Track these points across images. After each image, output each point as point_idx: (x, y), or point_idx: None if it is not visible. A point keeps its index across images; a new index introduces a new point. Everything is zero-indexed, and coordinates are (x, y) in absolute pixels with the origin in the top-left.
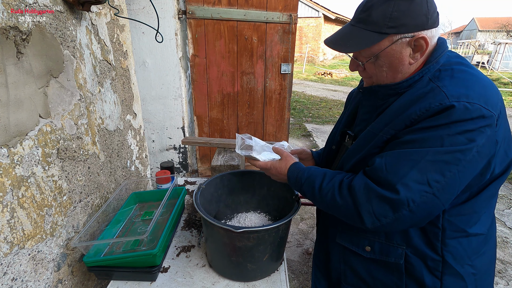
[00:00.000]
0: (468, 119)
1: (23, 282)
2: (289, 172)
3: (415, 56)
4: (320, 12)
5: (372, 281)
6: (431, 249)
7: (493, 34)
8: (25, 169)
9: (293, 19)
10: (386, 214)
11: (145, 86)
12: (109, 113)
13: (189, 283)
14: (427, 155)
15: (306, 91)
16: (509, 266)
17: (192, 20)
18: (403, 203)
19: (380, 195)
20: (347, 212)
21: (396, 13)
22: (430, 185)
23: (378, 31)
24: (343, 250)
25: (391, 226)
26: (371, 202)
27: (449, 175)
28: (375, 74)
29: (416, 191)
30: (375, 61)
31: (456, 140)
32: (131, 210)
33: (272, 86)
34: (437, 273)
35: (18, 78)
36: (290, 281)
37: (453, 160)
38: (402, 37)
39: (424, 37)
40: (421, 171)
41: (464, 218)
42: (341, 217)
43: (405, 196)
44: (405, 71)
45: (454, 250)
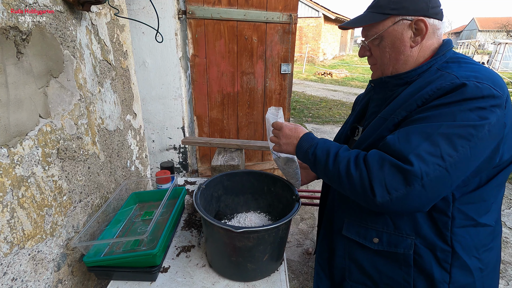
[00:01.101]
0: (479, 97)
1: (23, 282)
2: (304, 135)
3: (416, 39)
4: (320, 12)
5: (378, 276)
6: (441, 238)
7: (493, 34)
8: (25, 169)
9: (293, 19)
10: (398, 186)
11: (145, 86)
12: (109, 113)
13: (189, 283)
14: (440, 128)
15: (306, 91)
16: (509, 266)
17: (192, 20)
18: (417, 176)
19: (394, 163)
20: (359, 183)
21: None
22: (444, 159)
23: (381, 12)
24: (349, 244)
25: (399, 202)
26: (383, 170)
27: (462, 150)
28: (379, 57)
29: (430, 164)
30: (380, 42)
31: (468, 116)
32: (131, 210)
33: (272, 86)
34: (446, 265)
35: (18, 78)
36: (290, 281)
37: (466, 135)
38: (403, 19)
39: (423, 20)
40: (434, 144)
41: (473, 207)
42: (349, 191)
43: (419, 168)
44: (407, 54)
45: (462, 240)
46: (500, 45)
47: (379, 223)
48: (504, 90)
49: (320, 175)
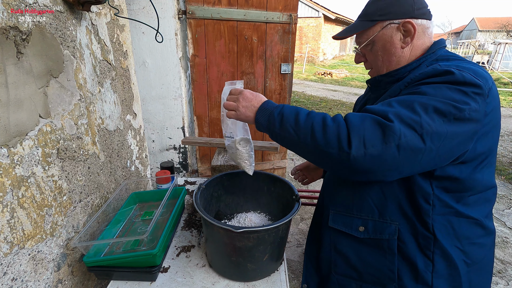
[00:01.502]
0: (461, 81)
1: (23, 282)
2: (268, 100)
3: (406, 40)
4: (320, 12)
5: (363, 267)
6: (423, 225)
7: (493, 34)
8: (25, 169)
9: (293, 19)
10: (375, 142)
11: (145, 86)
12: (109, 113)
13: (189, 283)
14: (421, 98)
15: (306, 91)
16: (509, 266)
17: (192, 20)
18: (395, 133)
19: (375, 119)
20: (336, 133)
21: (384, 5)
22: (422, 126)
23: (370, 19)
24: (335, 235)
25: (372, 160)
26: (364, 124)
27: (439, 123)
28: (373, 61)
29: (408, 127)
30: (372, 47)
31: (450, 94)
32: (131, 210)
33: (272, 86)
34: (428, 253)
35: (18, 78)
36: (290, 281)
37: (445, 111)
38: (390, 23)
39: (410, 22)
40: (414, 111)
41: (451, 195)
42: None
43: (399, 126)
44: (399, 55)
45: (443, 228)
46: (500, 45)
47: (364, 211)
48: (487, 81)
49: (286, 137)
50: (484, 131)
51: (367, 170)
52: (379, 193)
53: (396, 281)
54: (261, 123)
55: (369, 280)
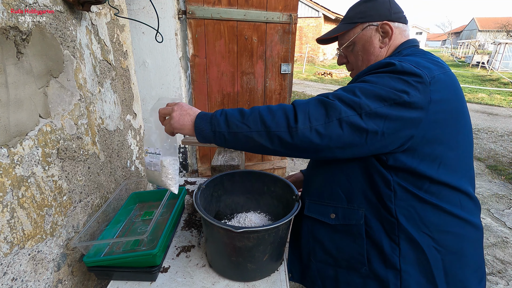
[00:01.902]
0: (401, 71)
1: (23, 282)
2: (202, 112)
3: (384, 41)
4: (320, 12)
5: (337, 253)
6: (386, 210)
7: (493, 34)
8: (25, 169)
9: (293, 19)
10: (319, 117)
11: (145, 86)
12: (109, 113)
13: (189, 283)
14: (362, 85)
15: (306, 91)
16: (509, 266)
17: (192, 20)
18: (336, 108)
19: (318, 98)
20: (283, 114)
21: (363, 9)
22: (361, 107)
23: (351, 22)
24: (311, 223)
25: (320, 136)
26: (309, 103)
27: (378, 106)
28: (354, 62)
29: (349, 107)
30: (353, 48)
31: (390, 82)
32: (131, 210)
33: (272, 86)
34: (394, 237)
35: (18, 78)
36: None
37: (385, 95)
38: (369, 25)
39: (387, 23)
40: (355, 95)
41: (410, 181)
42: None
43: (339, 105)
44: (377, 54)
45: (406, 213)
46: (500, 45)
47: (334, 199)
48: (430, 71)
49: (237, 133)
50: (434, 119)
51: (318, 146)
52: (345, 182)
53: (366, 264)
54: (203, 128)
55: (343, 265)
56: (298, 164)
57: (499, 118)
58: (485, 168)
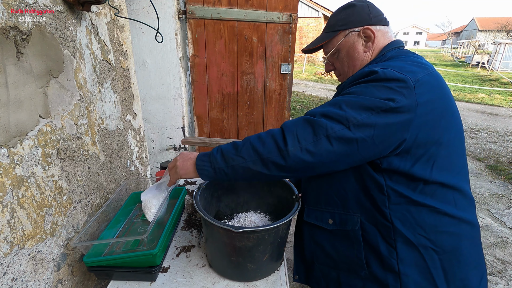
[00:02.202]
0: (383, 78)
1: (23, 282)
2: (201, 153)
3: (368, 45)
4: (320, 12)
5: (337, 257)
6: (381, 215)
7: (493, 34)
8: (25, 169)
9: (293, 19)
10: (307, 136)
11: (145, 86)
12: (109, 113)
13: (189, 283)
14: (347, 97)
15: (306, 91)
16: (509, 266)
17: (192, 20)
18: (322, 126)
19: (305, 118)
20: (272, 139)
21: (343, 16)
22: (348, 119)
23: (333, 30)
24: (311, 228)
25: (311, 154)
26: (296, 124)
27: (365, 116)
28: (341, 68)
29: (335, 121)
30: (338, 55)
31: (373, 91)
32: (131, 210)
33: (272, 86)
34: (390, 241)
35: (18, 78)
36: (290, 281)
37: (370, 105)
38: (351, 31)
39: (369, 28)
40: (340, 108)
41: (404, 185)
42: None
43: (325, 121)
44: (362, 59)
45: (402, 216)
46: (500, 45)
47: (331, 205)
48: (414, 74)
49: (234, 165)
50: (423, 120)
51: (312, 164)
52: (339, 188)
53: (365, 268)
54: (203, 167)
55: (344, 268)
56: None
57: (499, 118)
58: (485, 168)
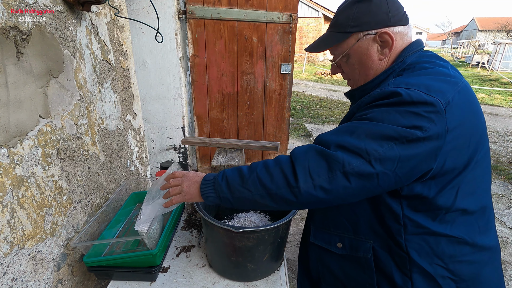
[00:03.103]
0: (409, 102)
1: (23, 282)
2: (206, 176)
3: (384, 51)
4: (320, 12)
5: (346, 280)
6: (396, 245)
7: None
8: (25, 169)
9: (293, 19)
10: (320, 171)
11: (145, 86)
12: (109, 113)
13: (189, 283)
14: (367, 125)
15: (306, 91)
16: (509, 266)
17: (192, 20)
18: (339, 161)
19: (318, 149)
20: (281, 171)
21: (357, 14)
22: (368, 152)
23: (343, 31)
24: (319, 250)
25: (326, 191)
26: (307, 156)
27: (388, 147)
28: (350, 73)
29: (353, 154)
30: (347, 60)
31: (397, 118)
32: (131, 210)
33: (272, 86)
34: (405, 271)
35: (18, 78)
36: (290, 281)
37: (394, 134)
38: (366, 34)
39: (387, 32)
40: (358, 137)
41: (424, 213)
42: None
43: (342, 155)
44: (376, 67)
45: (418, 247)
46: (500, 45)
47: (340, 228)
48: (444, 95)
49: (240, 197)
50: (452, 146)
51: (326, 201)
52: (350, 212)
53: None
54: (208, 194)
55: None
56: None
57: (499, 118)
58: None
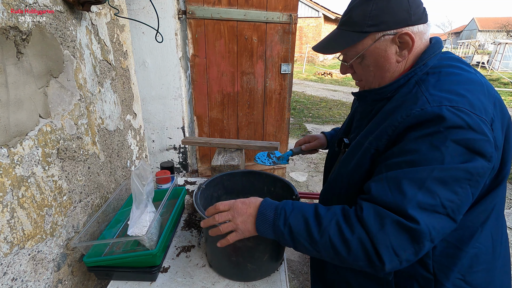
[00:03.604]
0: (458, 126)
1: (23, 282)
2: (262, 202)
3: (403, 53)
4: (320, 12)
5: None
6: (422, 266)
7: (493, 34)
8: (25, 169)
9: (293, 19)
10: (406, 246)
11: (145, 86)
12: (109, 113)
13: (189, 283)
14: (432, 172)
15: (306, 91)
16: None
17: (192, 20)
18: (425, 233)
19: (396, 220)
20: (360, 248)
21: (375, 11)
22: (444, 206)
23: (359, 30)
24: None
25: (409, 261)
26: (386, 231)
27: (462, 191)
28: (363, 75)
29: (432, 215)
30: (362, 61)
31: (458, 151)
32: (131, 210)
33: (272, 86)
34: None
35: (18, 78)
36: (290, 281)
37: (464, 175)
38: (384, 35)
39: (408, 33)
40: (430, 192)
41: (456, 234)
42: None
43: (425, 224)
44: (393, 70)
45: (444, 268)
46: (500, 45)
47: None
48: (486, 111)
49: (302, 249)
50: (493, 164)
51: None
52: None
53: None
54: (266, 234)
55: None
56: (298, 164)
57: None
58: None
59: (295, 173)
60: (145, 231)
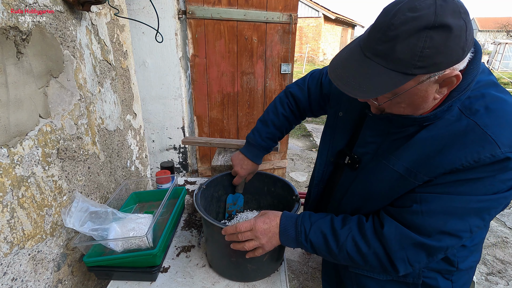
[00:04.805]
0: None
1: (23, 282)
2: (282, 220)
3: (442, 90)
4: (320, 12)
5: None
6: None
7: (493, 34)
8: (25, 169)
9: (293, 19)
10: (420, 259)
11: (145, 86)
12: (109, 113)
13: (189, 283)
14: (470, 203)
15: None
16: (509, 266)
17: (192, 20)
18: (442, 250)
19: (417, 242)
20: (376, 260)
21: (428, 50)
22: (471, 231)
23: (403, 71)
24: (358, 276)
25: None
26: (405, 249)
27: (488, 218)
28: (389, 108)
29: (456, 238)
30: (393, 99)
31: (500, 187)
32: (131, 210)
33: (272, 86)
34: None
35: (18, 78)
36: (290, 281)
37: (495, 205)
38: (431, 76)
39: (457, 75)
40: (462, 219)
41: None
42: (366, 267)
43: (446, 244)
44: (428, 106)
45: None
46: (500, 45)
47: None
48: None
49: (323, 257)
50: None
51: None
52: None
53: None
54: (290, 245)
55: None
56: (298, 164)
57: None
58: None
59: (295, 173)
60: (145, 231)
